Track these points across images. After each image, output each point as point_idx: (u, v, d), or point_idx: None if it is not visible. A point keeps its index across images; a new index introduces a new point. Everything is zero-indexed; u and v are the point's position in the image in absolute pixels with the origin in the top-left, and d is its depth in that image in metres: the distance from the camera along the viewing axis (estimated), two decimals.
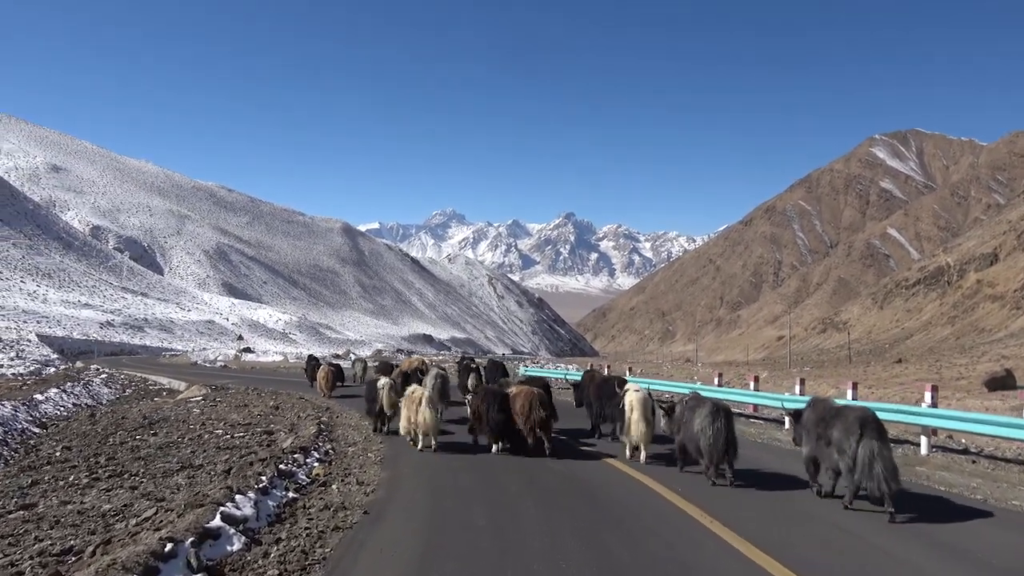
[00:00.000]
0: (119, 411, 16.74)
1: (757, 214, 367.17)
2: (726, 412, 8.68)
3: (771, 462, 10.51)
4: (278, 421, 13.11)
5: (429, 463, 9.95)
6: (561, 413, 11.64)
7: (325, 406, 16.81)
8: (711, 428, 8.50)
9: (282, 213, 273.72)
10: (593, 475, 9.36)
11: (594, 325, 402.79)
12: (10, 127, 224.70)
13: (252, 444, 10.12)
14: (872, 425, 7.37)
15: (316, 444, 10.07)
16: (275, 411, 14.92)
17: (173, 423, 13.77)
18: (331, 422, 13.45)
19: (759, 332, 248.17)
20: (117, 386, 26.28)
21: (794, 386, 16.37)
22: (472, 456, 10.60)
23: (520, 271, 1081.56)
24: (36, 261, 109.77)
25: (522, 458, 10.28)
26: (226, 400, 18.27)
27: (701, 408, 8.82)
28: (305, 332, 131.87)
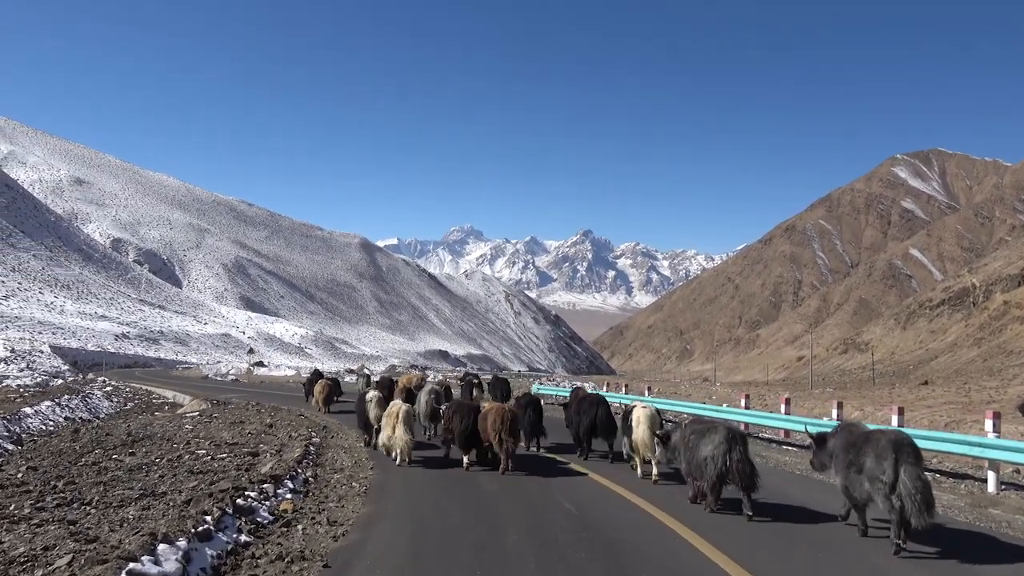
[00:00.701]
0: (108, 427, 15.99)
1: (776, 233, 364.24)
2: (743, 438, 7.94)
3: (803, 495, 9.46)
4: (268, 441, 12.25)
5: (417, 495, 9.02)
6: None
7: (323, 424, 16.00)
8: (724, 458, 7.72)
9: (301, 228, 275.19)
10: (610, 516, 8.07)
11: (611, 343, 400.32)
12: (36, 140, 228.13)
13: (230, 468, 9.25)
14: (907, 449, 6.76)
15: (297, 470, 9.15)
16: (268, 429, 14.07)
17: (157, 441, 12.98)
18: (323, 443, 12.65)
19: (778, 352, 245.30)
20: (119, 399, 25.60)
21: (831, 409, 15.09)
22: (463, 483, 9.84)
23: (537, 288, 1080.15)
24: (55, 272, 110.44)
25: (522, 489, 9.39)
26: (223, 416, 17.48)
27: (712, 433, 8.01)
28: (321, 347, 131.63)
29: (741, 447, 7.82)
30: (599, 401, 12.17)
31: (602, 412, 11.86)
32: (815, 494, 9.41)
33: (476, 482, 9.87)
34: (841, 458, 7.41)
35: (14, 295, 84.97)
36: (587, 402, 12.25)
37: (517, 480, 9.99)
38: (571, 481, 10.14)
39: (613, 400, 24.96)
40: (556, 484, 9.80)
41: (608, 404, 12.39)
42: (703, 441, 8.05)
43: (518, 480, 9.99)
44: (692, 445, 8.27)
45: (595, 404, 12.04)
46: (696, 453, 8.12)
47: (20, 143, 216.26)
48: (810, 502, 8.80)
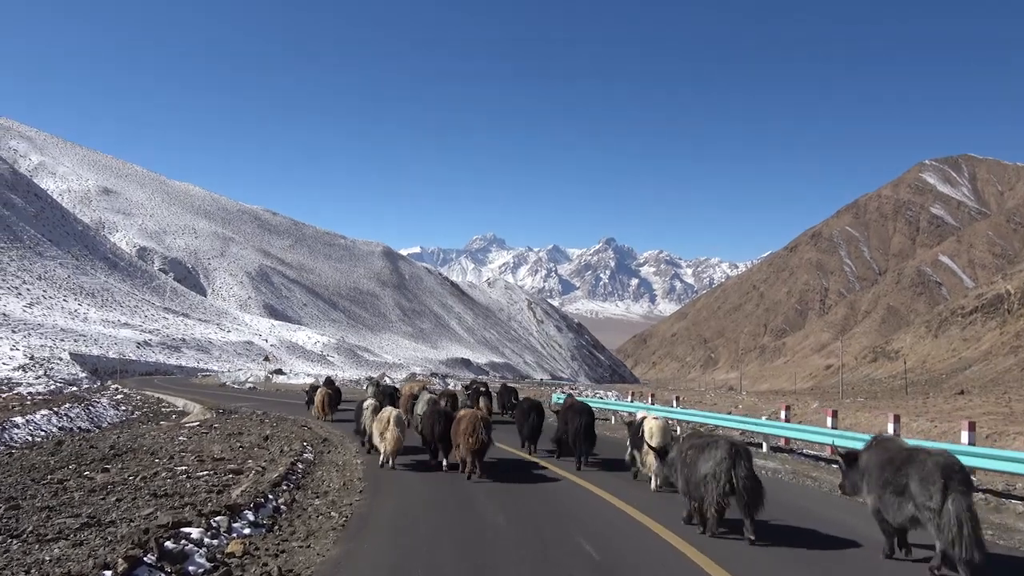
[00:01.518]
0: (98, 438, 15.17)
1: (802, 240, 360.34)
2: (746, 453, 7.27)
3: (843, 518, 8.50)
4: (258, 456, 11.33)
5: (406, 530, 7.60)
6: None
7: (323, 436, 15.08)
8: (728, 475, 7.03)
9: (324, 236, 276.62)
10: (629, 551, 6.99)
11: (635, 351, 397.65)
12: (65, 151, 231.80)
13: (201, 490, 8.30)
14: (959, 475, 6.11)
15: (269, 496, 8.03)
16: (264, 442, 13.16)
17: (141, 455, 12.13)
18: (316, 459, 11.70)
19: (805, 360, 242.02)
20: (128, 408, 24.95)
21: (887, 424, 13.41)
22: (463, 510, 8.61)
23: (560, 296, 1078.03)
24: (81, 281, 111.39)
25: (534, 522, 8.01)
26: (223, 427, 16.66)
27: (713, 448, 7.31)
28: (343, 354, 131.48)
29: (746, 462, 7.14)
30: (583, 411, 12.27)
31: (585, 422, 12.00)
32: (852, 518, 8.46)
33: (478, 511, 8.52)
34: (875, 476, 6.74)
35: (39, 303, 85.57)
36: (572, 411, 12.40)
37: (524, 505, 8.87)
38: (591, 511, 8.94)
39: (621, 408, 23.94)
40: (567, 510, 8.75)
41: (593, 414, 12.54)
42: (703, 457, 7.34)
43: (525, 505, 8.88)
44: (690, 461, 7.54)
45: (580, 413, 12.17)
46: (695, 470, 7.38)
47: (50, 154, 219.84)
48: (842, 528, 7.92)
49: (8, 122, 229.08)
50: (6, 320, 67.82)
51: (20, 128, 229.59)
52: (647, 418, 10.48)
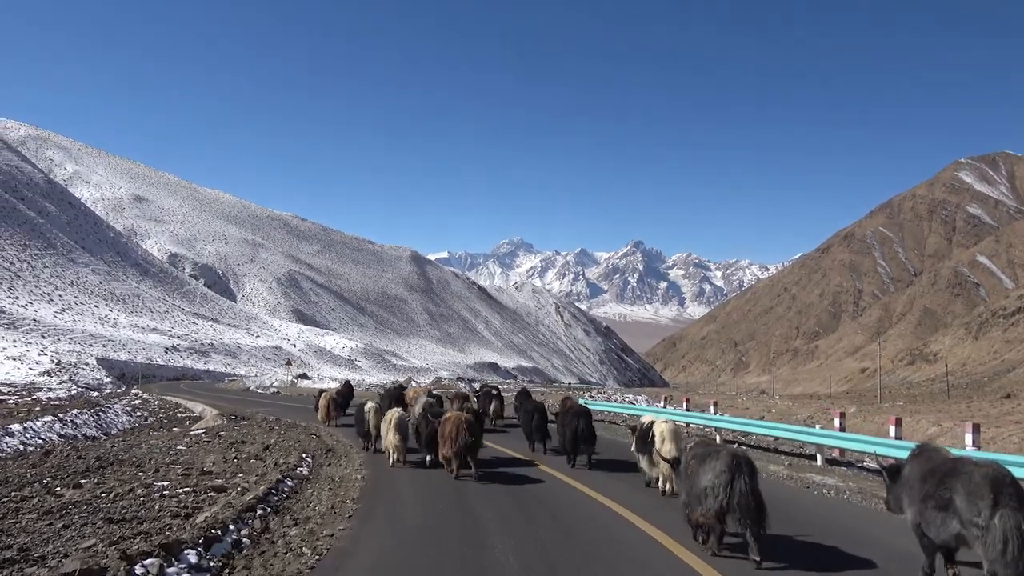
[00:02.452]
0: (91, 447, 14.33)
1: (835, 241, 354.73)
2: (749, 466, 6.77)
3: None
4: (251, 468, 10.39)
5: (389, 564, 6.50)
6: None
7: (329, 446, 14.15)
8: (728, 488, 6.58)
9: (352, 241, 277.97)
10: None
11: (664, 355, 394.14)
12: (99, 160, 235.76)
13: (168, 513, 7.26)
14: (1009, 490, 5.57)
15: (239, 521, 6.98)
16: (263, 452, 12.22)
17: (127, 467, 11.23)
18: (310, 474, 10.70)
19: (839, 364, 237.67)
20: (143, 414, 24.29)
21: (965, 434, 11.94)
22: (464, 542, 7.26)
23: (587, 300, 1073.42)
24: (112, 287, 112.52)
25: (546, 557, 6.81)
26: (228, 434, 15.81)
27: (714, 459, 6.88)
28: (371, 359, 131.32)
29: (746, 477, 6.63)
30: (581, 413, 12.44)
31: (583, 423, 12.13)
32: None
33: (485, 543, 7.14)
34: (916, 489, 6.24)
35: (70, 308, 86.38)
36: (570, 413, 12.57)
37: (536, 533, 7.59)
38: (602, 526, 8.01)
39: (632, 412, 22.58)
40: (574, 528, 7.80)
41: (591, 416, 12.69)
42: (703, 468, 6.91)
43: (537, 533, 7.61)
44: (692, 472, 7.13)
45: (577, 416, 12.32)
46: (695, 482, 6.97)
47: (85, 163, 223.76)
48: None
49: (45, 133, 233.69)
50: (36, 326, 68.34)
51: (56, 139, 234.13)
52: (656, 422, 10.13)
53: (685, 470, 7.40)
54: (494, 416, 19.33)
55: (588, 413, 12.55)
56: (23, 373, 44.69)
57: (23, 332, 63.68)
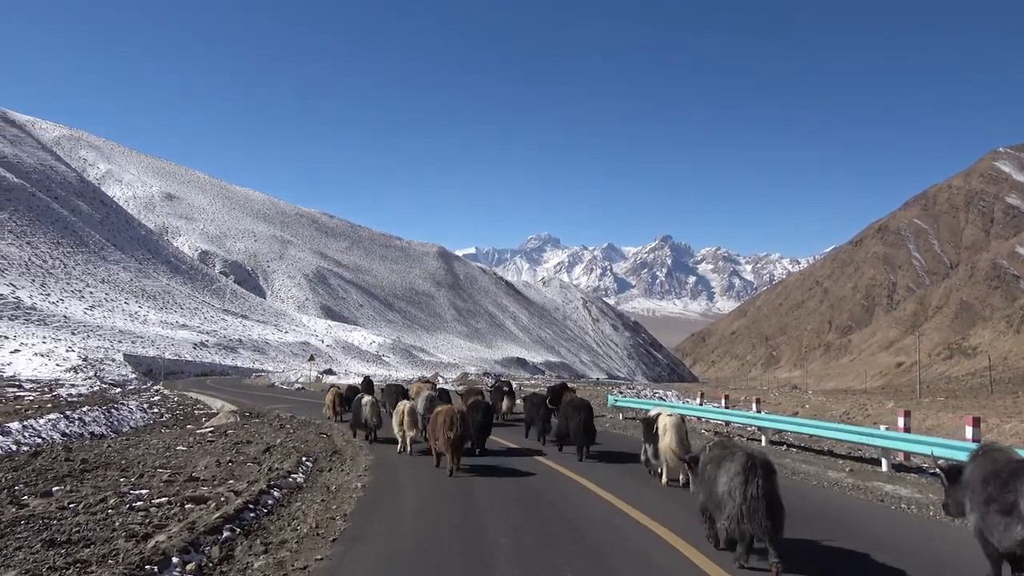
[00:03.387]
0: (86, 448, 13.49)
1: (868, 234, 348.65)
2: (765, 467, 6.24)
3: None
4: (246, 474, 9.48)
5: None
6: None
7: (335, 447, 13.24)
8: (742, 491, 6.07)
9: (380, 238, 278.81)
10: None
11: (693, 350, 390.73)
12: (131, 159, 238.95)
13: (122, 534, 6.10)
14: None
15: (192, 549, 5.86)
16: (263, 454, 11.32)
17: (112, 471, 10.37)
18: (305, 482, 9.66)
19: (872, 358, 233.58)
20: (160, 411, 23.68)
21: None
22: (463, 568, 6.12)
23: (615, 295, 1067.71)
24: (143, 284, 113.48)
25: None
26: (236, 434, 15.02)
27: (729, 461, 6.41)
28: (399, 355, 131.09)
29: (761, 480, 6.10)
30: (582, 407, 12.58)
31: (584, 417, 12.32)
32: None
33: (488, 567, 6.09)
34: (978, 492, 5.83)
35: (100, 305, 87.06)
36: (572, 407, 12.76)
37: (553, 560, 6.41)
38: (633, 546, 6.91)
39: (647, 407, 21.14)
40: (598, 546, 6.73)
41: (591, 410, 12.82)
42: (721, 471, 6.43)
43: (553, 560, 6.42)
44: (710, 476, 6.64)
45: (579, 409, 12.48)
46: (714, 487, 6.48)
47: (117, 162, 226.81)
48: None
49: (79, 133, 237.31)
50: (66, 323, 68.78)
51: (90, 138, 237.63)
52: (661, 415, 10.26)
53: (702, 474, 6.89)
54: (506, 412, 19.48)
55: (590, 407, 12.74)
56: (50, 369, 44.64)
57: (53, 329, 64.09)
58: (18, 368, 44.20)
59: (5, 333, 55.05)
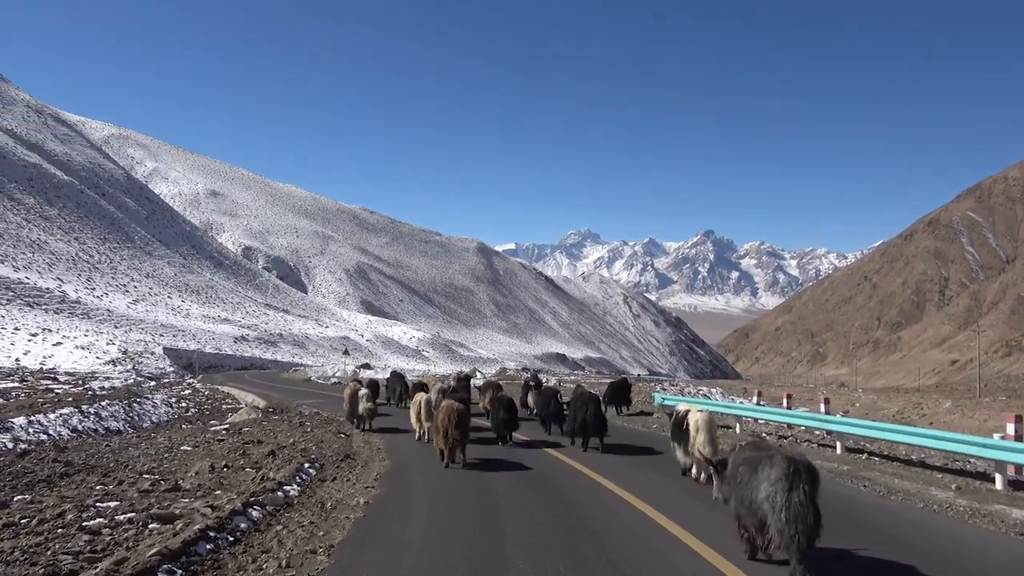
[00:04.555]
0: (82, 447, 12.51)
1: (919, 227, 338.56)
2: (809, 472, 5.64)
3: None
4: (240, 481, 8.33)
5: None
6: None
7: (348, 452, 12.03)
8: (785, 499, 5.47)
9: (420, 233, 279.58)
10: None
11: (736, 346, 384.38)
12: (177, 157, 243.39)
13: (66, 557, 5.15)
14: None
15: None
16: (267, 458, 10.14)
17: (95, 474, 9.33)
18: (301, 495, 8.41)
19: (924, 355, 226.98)
20: (187, 405, 22.94)
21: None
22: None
23: (656, 290, 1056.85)
24: (187, 279, 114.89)
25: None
26: (251, 432, 14.01)
27: (768, 466, 5.75)
28: (438, 349, 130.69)
29: (806, 486, 5.53)
30: (590, 400, 12.71)
31: (592, 410, 12.44)
32: None
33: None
34: None
35: (144, 299, 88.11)
36: (580, 400, 12.85)
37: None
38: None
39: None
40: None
41: (599, 403, 12.90)
42: (758, 476, 5.81)
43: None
44: (743, 480, 6.04)
45: (586, 402, 12.60)
46: (750, 492, 5.85)
47: (164, 160, 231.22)
48: None
49: (127, 132, 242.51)
50: (109, 316, 69.49)
51: (138, 137, 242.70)
52: (691, 411, 10.00)
53: (734, 477, 6.27)
54: (533, 407, 19.14)
55: (598, 400, 12.90)
56: (89, 362, 44.74)
57: (96, 322, 64.73)
58: (59, 360, 44.45)
59: (49, 326, 55.63)
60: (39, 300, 64.82)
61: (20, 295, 63.68)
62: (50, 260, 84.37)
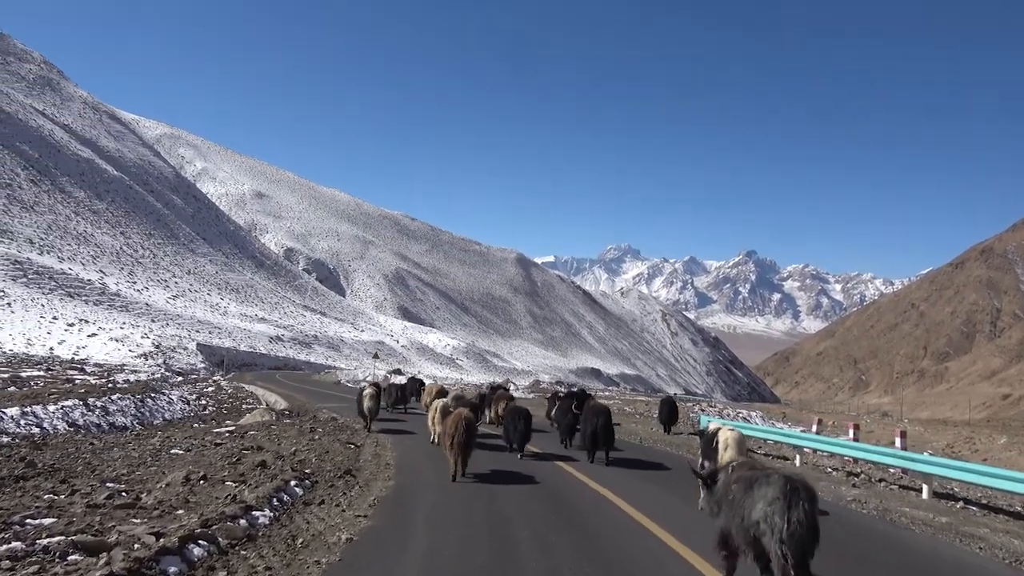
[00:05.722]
0: (63, 445, 11.58)
1: (970, 256, 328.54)
2: (808, 491, 5.38)
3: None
4: (207, 501, 7.16)
5: None
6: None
7: (351, 466, 10.79)
8: (784, 518, 5.23)
9: (460, 242, 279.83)
10: None
11: (775, 369, 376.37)
12: (225, 158, 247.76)
13: None
14: None
15: None
16: (256, 469, 9.07)
17: (53, 480, 8.35)
18: (267, 525, 6.92)
19: (972, 388, 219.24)
20: (206, 403, 22.14)
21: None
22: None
23: (695, 309, 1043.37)
24: (228, 277, 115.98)
25: None
26: (255, 437, 13.05)
27: (764, 484, 5.51)
28: (472, 359, 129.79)
29: (806, 503, 5.27)
30: (601, 411, 12.80)
31: (602, 422, 12.50)
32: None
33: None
34: None
35: (183, 295, 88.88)
36: (592, 412, 12.94)
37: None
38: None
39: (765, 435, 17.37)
40: None
41: (610, 415, 13.03)
42: (754, 494, 5.52)
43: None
44: (736, 498, 5.73)
45: (598, 414, 12.68)
46: (743, 510, 5.56)
47: (212, 160, 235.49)
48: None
49: (179, 131, 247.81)
50: (148, 310, 69.98)
51: (188, 137, 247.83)
52: (721, 429, 10.11)
53: (724, 494, 6.02)
54: (555, 421, 19.18)
55: (608, 412, 12.98)
56: (121, 354, 44.69)
57: (134, 315, 65.14)
58: (92, 351, 44.51)
59: (87, 317, 56.01)
60: (80, 291, 65.49)
61: (62, 285, 64.41)
62: (94, 252, 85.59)
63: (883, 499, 10.00)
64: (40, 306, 55.32)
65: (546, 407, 20.35)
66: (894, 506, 9.45)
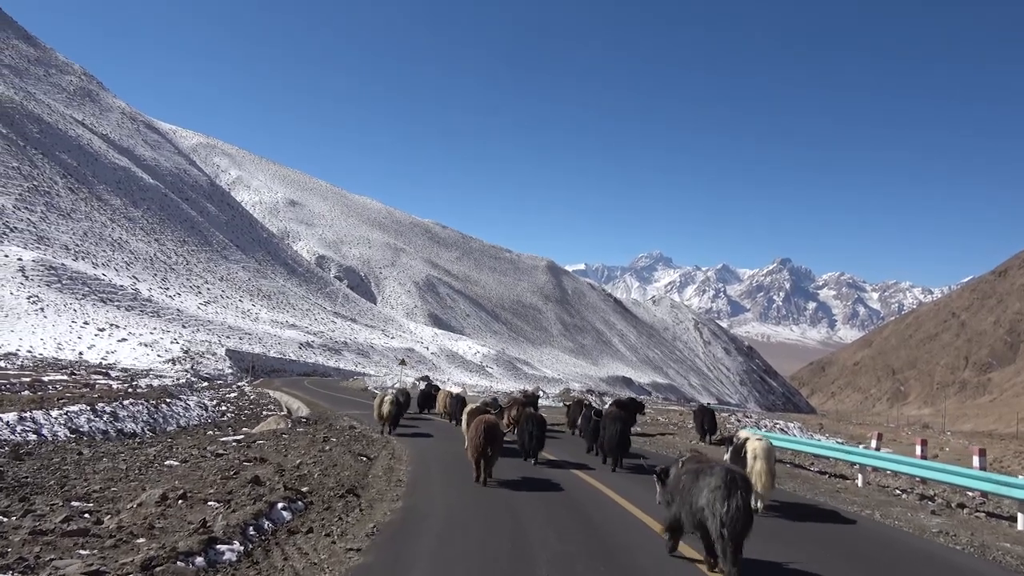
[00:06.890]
0: (51, 452, 10.87)
1: (1014, 264, 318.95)
2: (744, 482, 6.41)
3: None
4: (175, 528, 6.27)
5: None
6: None
7: (356, 484, 9.68)
8: (724, 505, 6.14)
9: (490, 250, 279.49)
10: None
11: (810, 379, 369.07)
12: (259, 166, 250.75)
13: None
14: None
15: None
16: (247, 486, 8.17)
17: (13, 495, 7.59)
18: (230, 566, 5.69)
19: (1016, 400, 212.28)
20: (226, 408, 21.48)
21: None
22: None
23: (728, 318, 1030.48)
24: (260, 283, 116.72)
25: None
26: (264, 445, 12.25)
27: (708, 475, 6.49)
28: (502, 366, 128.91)
29: (743, 492, 6.25)
30: (617, 418, 13.00)
31: (619, 428, 12.75)
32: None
33: None
34: None
35: (216, 301, 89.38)
36: (608, 419, 13.28)
37: None
38: None
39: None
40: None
41: (625, 422, 13.10)
42: (699, 484, 6.53)
43: None
44: (685, 487, 6.75)
45: (614, 421, 12.94)
46: (691, 497, 6.56)
47: (247, 169, 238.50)
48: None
49: (214, 140, 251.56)
50: (179, 316, 70.29)
51: (223, 146, 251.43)
52: (750, 439, 9.99)
53: (675, 484, 6.99)
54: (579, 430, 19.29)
55: (624, 419, 13.11)
56: (150, 359, 44.62)
57: (165, 321, 65.40)
58: (120, 356, 44.48)
59: (118, 322, 56.24)
60: (112, 296, 65.95)
61: (95, 291, 64.91)
62: (128, 259, 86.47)
63: (974, 531, 8.73)
64: (72, 311, 55.66)
65: (567, 414, 20.58)
66: (990, 540, 8.18)
